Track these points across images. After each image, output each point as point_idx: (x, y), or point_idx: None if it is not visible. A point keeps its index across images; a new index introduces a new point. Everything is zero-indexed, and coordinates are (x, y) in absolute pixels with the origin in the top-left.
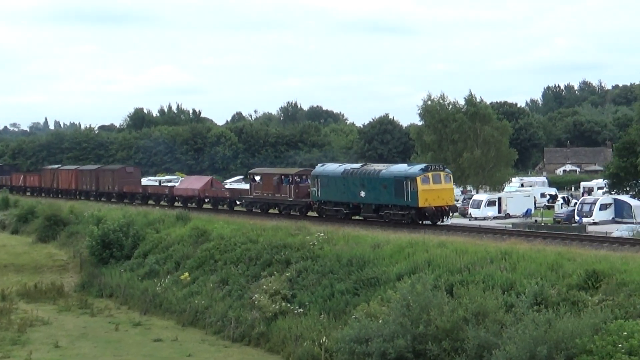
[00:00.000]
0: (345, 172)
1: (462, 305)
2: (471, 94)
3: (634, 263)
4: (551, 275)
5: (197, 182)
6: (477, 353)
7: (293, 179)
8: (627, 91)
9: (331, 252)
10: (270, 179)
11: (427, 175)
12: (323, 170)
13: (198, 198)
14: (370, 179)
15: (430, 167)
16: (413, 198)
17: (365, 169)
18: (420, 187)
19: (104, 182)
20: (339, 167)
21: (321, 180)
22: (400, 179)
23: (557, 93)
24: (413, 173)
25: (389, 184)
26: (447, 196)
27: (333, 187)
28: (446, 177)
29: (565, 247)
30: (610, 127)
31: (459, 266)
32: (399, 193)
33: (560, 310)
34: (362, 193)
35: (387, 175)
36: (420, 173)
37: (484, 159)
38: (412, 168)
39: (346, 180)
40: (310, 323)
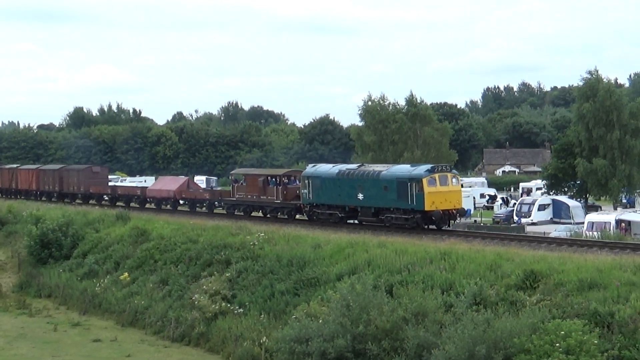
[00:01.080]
0: (340, 173)
1: (402, 305)
2: (412, 94)
3: (571, 263)
4: (490, 276)
5: (172, 182)
6: (417, 353)
7: (280, 180)
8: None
9: (272, 252)
10: (256, 180)
11: (434, 176)
12: (315, 171)
13: (174, 200)
14: (369, 181)
15: (437, 168)
16: (418, 201)
17: (363, 169)
18: (427, 189)
19: (68, 183)
20: (333, 167)
21: (313, 182)
22: (404, 181)
23: (496, 94)
24: (418, 174)
25: (391, 185)
26: (454, 199)
27: (326, 189)
28: (453, 179)
29: (504, 247)
30: (549, 128)
31: (399, 266)
32: (402, 195)
33: (499, 310)
34: (360, 195)
35: (389, 177)
36: (427, 174)
37: (424, 160)
38: (417, 169)
39: (341, 181)
40: (251, 323)
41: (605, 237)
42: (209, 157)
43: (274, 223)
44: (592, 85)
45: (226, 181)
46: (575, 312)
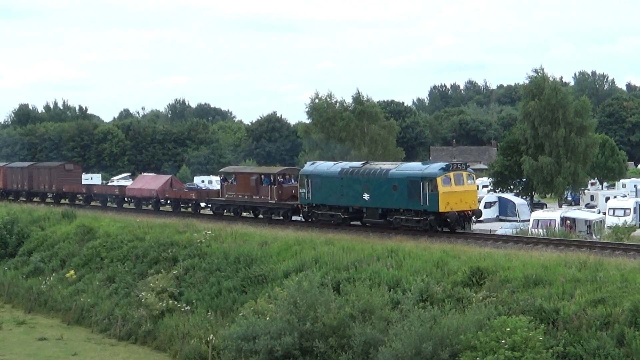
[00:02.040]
0: (343, 172)
1: (349, 303)
2: (359, 92)
3: (517, 260)
4: (437, 273)
5: (153, 181)
6: (364, 350)
7: (275, 178)
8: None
9: (219, 249)
10: (247, 179)
11: (449, 175)
12: (315, 169)
13: (156, 199)
14: (376, 180)
15: (452, 166)
16: (432, 202)
17: (369, 167)
18: (441, 188)
19: (38, 181)
20: (334, 165)
21: (313, 181)
22: (416, 180)
23: (443, 92)
24: (432, 173)
25: (401, 185)
26: (470, 199)
27: (328, 188)
28: (469, 178)
29: (450, 244)
30: (495, 126)
31: (346, 263)
32: (414, 196)
33: (445, 307)
34: (366, 195)
35: (399, 175)
36: (441, 173)
37: (371, 157)
38: (430, 167)
39: (345, 180)
40: (198, 321)
41: (550, 234)
42: (156, 155)
43: (221, 220)
44: (538, 83)
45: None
46: (520, 308)
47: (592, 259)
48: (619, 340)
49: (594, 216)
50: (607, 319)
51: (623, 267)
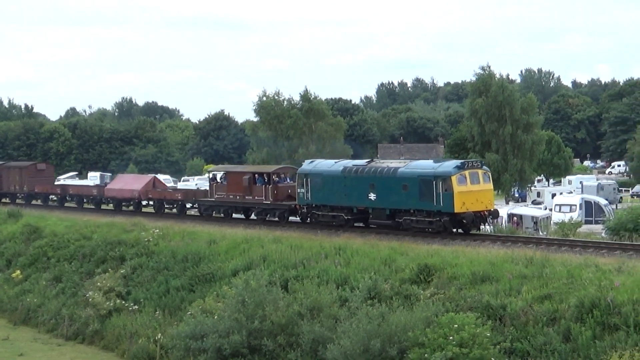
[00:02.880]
0: (346, 170)
1: (297, 301)
2: (306, 90)
3: (464, 257)
4: (385, 270)
5: (135, 181)
6: (312, 348)
7: (270, 178)
8: (459, 88)
9: (166, 248)
10: (239, 178)
11: (464, 173)
12: (314, 167)
13: (138, 200)
14: (384, 179)
15: (467, 164)
16: (447, 202)
17: (375, 166)
18: (457, 188)
19: (8, 181)
20: (336, 163)
21: (312, 180)
22: (428, 179)
23: (390, 90)
24: (446, 171)
25: (412, 184)
26: (486, 199)
27: (329, 188)
28: (485, 176)
29: (398, 242)
30: (442, 123)
31: (294, 261)
32: (426, 195)
33: (394, 304)
34: (372, 195)
35: (409, 174)
36: (456, 171)
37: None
38: (443, 165)
39: (348, 179)
40: (146, 320)
41: (497, 230)
42: (103, 153)
43: (169, 219)
44: (485, 80)
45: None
46: (468, 305)
47: (539, 255)
48: (565, 336)
49: (541, 213)
50: (553, 314)
51: (569, 263)
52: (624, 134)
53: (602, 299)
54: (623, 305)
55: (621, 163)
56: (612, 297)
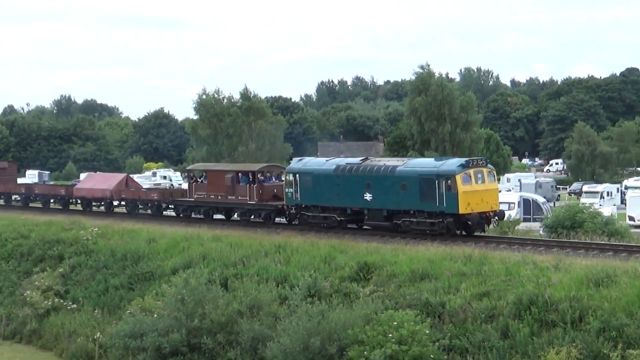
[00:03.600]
0: (339, 169)
1: (237, 299)
2: (246, 88)
3: (403, 255)
4: (324, 268)
5: (105, 180)
6: (252, 346)
7: (255, 177)
8: (398, 87)
9: (106, 246)
10: (221, 177)
11: (469, 172)
12: (304, 166)
13: (110, 200)
14: (381, 178)
15: (472, 162)
16: (450, 202)
17: (370, 164)
18: (461, 187)
19: None
20: (328, 161)
21: (302, 179)
22: (430, 178)
23: (330, 88)
24: (450, 170)
25: (411, 183)
26: (491, 199)
27: (321, 187)
28: (489, 175)
29: (338, 240)
30: (382, 121)
31: (234, 260)
32: (427, 196)
33: (333, 301)
34: (368, 195)
35: (408, 173)
36: (460, 170)
37: (259, 153)
38: (446, 163)
39: (341, 178)
40: (84, 319)
41: None
42: (41, 151)
43: (108, 217)
44: (424, 79)
45: (59, 175)
46: (407, 302)
47: (477, 253)
48: (504, 333)
49: None
50: (491, 311)
51: (507, 260)
52: (562, 132)
53: (539, 296)
54: (560, 302)
55: (559, 161)
56: (549, 294)
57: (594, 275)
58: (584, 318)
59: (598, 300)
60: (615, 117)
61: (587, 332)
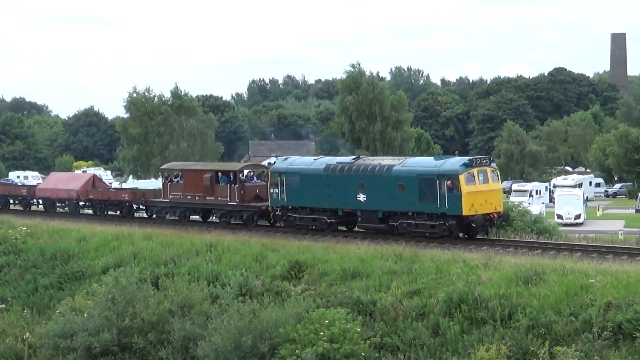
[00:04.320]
0: (330, 168)
1: (168, 298)
2: (177, 87)
3: (334, 253)
4: (256, 267)
5: (71, 180)
6: (183, 345)
7: (236, 176)
8: (329, 85)
9: (35, 246)
10: (199, 177)
11: (472, 171)
12: (290, 165)
13: (76, 201)
14: (376, 178)
15: (475, 161)
16: (453, 203)
17: (364, 163)
18: (465, 188)
19: None
20: (316, 160)
21: (288, 179)
22: (430, 178)
23: (261, 87)
24: (453, 170)
25: (410, 184)
26: (495, 200)
27: (309, 188)
28: (493, 174)
29: (269, 238)
30: (314, 120)
31: (165, 259)
32: (427, 196)
33: (265, 300)
34: (361, 196)
35: (406, 173)
36: (464, 169)
37: (191, 152)
38: (448, 162)
39: (332, 178)
40: (13, 319)
41: None
42: None
43: (37, 216)
44: (355, 78)
45: None
46: (339, 301)
47: (408, 251)
48: (434, 330)
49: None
50: (422, 309)
51: (438, 258)
52: (492, 131)
53: (469, 294)
54: (490, 299)
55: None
56: (479, 292)
57: (522, 273)
58: (513, 315)
59: (527, 297)
60: (543, 116)
61: (516, 329)
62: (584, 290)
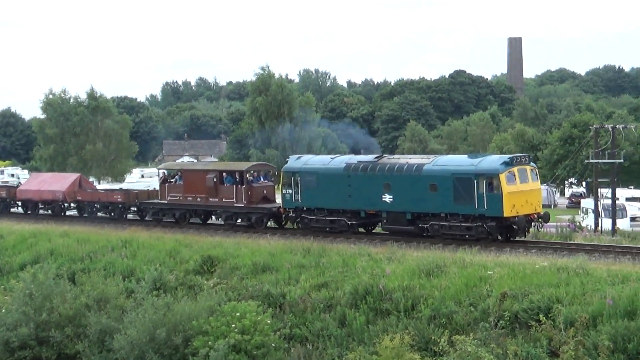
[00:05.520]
0: (350, 167)
1: (84, 293)
2: (92, 88)
3: (245, 248)
4: (169, 262)
5: (56, 181)
6: (99, 338)
7: (243, 177)
8: (240, 87)
9: None
10: (201, 177)
11: (513, 170)
12: (306, 164)
13: (62, 203)
14: (404, 177)
15: (515, 160)
16: (493, 204)
17: (390, 162)
18: (506, 188)
19: None
20: (334, 159)
21: (303, 180)
22: (467, 177)
23: (175, 88)
24: (493, 168)
25: (443, 184)
26: (535, 200)
27: (327, 188)
28: (532, 173)
29: (182, 234)
30: (225, 121)
31: (81, 255)
32: (463, 197)
33: (178, 294)
34: (387, 197)
35: (439, 172)
36: (505, 168)
37: (106, 152)
38: (486, 160)
39: (354, 178)
40: None
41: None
42: None
43: None
44: (265, 80)
45: None
46: (249, 294)
47: (316, 246)
48: (341, 322)
49: None
50: (329, 301)
51: (344, 252)
52: (395, 130)
53: (374, 286)
54: (394, 291)
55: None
56: (383, 284)
57: (425, 265)
58: (416, 306)
59: (429, 289)
60: (444, 116)
61: (418, 319)
62: (483, 281)
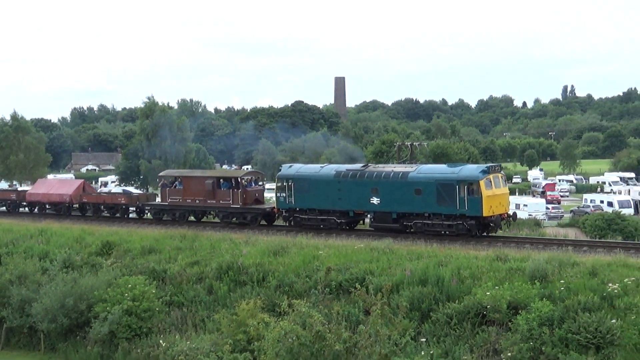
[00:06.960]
0: (340, 175)
1: (9, 271)
2: (15, 112)
3: (136, 235)
4: (77, 246)
5: (62, 185)
6: (20, 306)
7: (239, 182)
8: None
9: None
10: (200, 183)
11: (489, 177)
12: (298, 172)
13: (69, 206)
14: (391, 183)
15: (491, 169)
16: (473, 206)
17: (377, 170)
18: (485, 192)
19: None
20: (324, 168)
21: (296, 185)
22: (449, 183)
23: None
24: (473, 175)
25: (427, 188)
26: (505, 202)
27: (318, 192)
28: (502, 180)
29: (87, 225)
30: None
31: (6, 241)
32: (446, 200)
33: (83, 271)
34: (375, 199)
35: (423, 179)
36: (483, 175)
37: (26, 161)
38: (465, 169)
39: (343, 184)
40: None
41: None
42: None
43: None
44: (150, 107)
45: None
46: (139, 270)
47: (190, 233)
48: (209, 290)
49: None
50: (200, 275)
51: (212, 238)
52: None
53: (234, 263)
54: (249, 267)
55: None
56: (241, 262)
57: (273, 247)
58: (266, 278)
59: (275, 265)
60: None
61: (268, 288)
62: (315, 259)
